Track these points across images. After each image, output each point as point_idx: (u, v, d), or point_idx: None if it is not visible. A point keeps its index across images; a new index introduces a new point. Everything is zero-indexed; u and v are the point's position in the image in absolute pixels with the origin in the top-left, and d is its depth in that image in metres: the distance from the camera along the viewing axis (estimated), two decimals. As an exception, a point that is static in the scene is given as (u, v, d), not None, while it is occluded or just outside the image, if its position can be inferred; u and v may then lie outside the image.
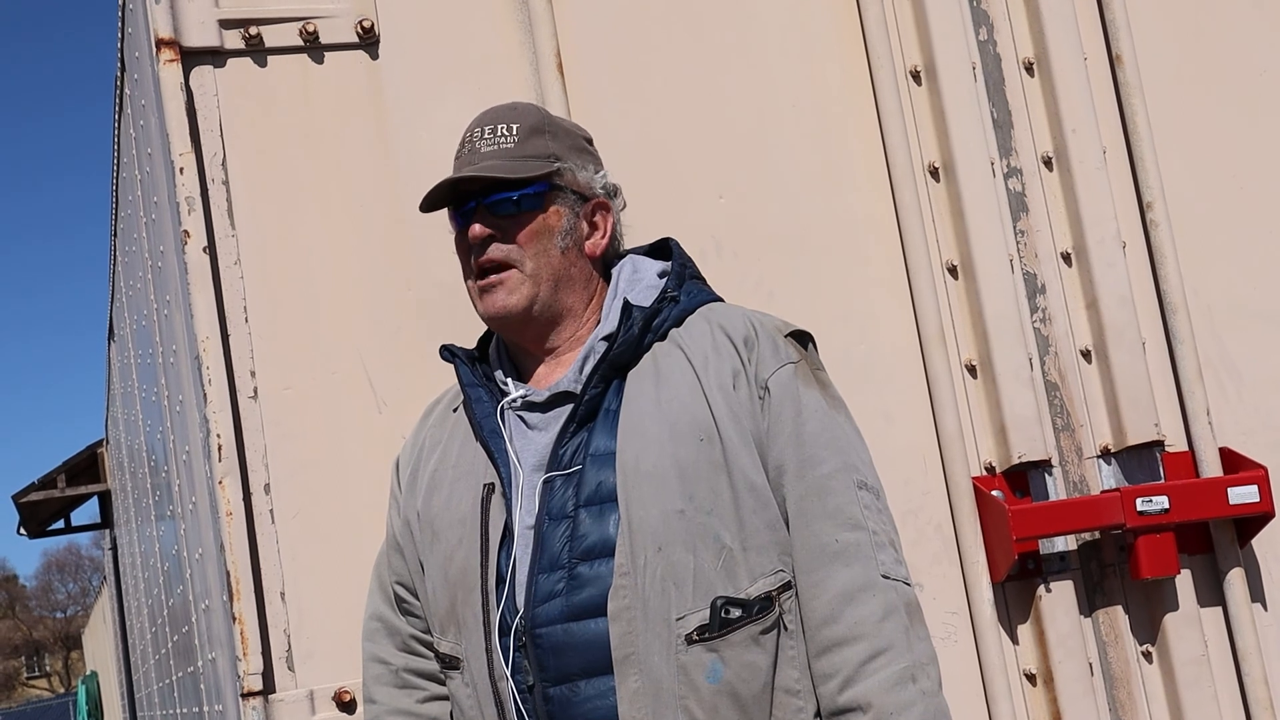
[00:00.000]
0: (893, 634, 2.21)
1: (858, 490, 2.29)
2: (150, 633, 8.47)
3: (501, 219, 2.38)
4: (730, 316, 2.40)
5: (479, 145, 2.42)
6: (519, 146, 2.40)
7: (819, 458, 2.28)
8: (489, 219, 2.38)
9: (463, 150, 2.45)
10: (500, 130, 2.42)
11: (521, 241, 2.38)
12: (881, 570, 2.24)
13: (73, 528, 20.33)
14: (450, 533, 2.39)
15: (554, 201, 2.42)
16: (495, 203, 2.38)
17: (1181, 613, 3.49)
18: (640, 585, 2.22)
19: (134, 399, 6.79)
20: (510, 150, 2.40)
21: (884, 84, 3.54)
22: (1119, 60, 3.66)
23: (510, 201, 2.38)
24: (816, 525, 2.26)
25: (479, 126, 2.45)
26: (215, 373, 3.11)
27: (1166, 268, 3.59)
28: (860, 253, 3.51)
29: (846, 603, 2.22)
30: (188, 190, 3.15)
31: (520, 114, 2.46)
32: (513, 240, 2.38)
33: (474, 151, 2.42)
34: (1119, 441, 3.51)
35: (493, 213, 2.38)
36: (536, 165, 2.40)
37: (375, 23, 3.33)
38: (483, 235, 2.38)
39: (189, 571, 4.48)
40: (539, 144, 2.42)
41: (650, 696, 2.21)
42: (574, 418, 2.33)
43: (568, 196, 2.43)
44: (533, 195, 2.39)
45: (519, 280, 2.38)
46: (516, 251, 2.38)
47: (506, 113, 2.47)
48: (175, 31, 3.20)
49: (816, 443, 2.29)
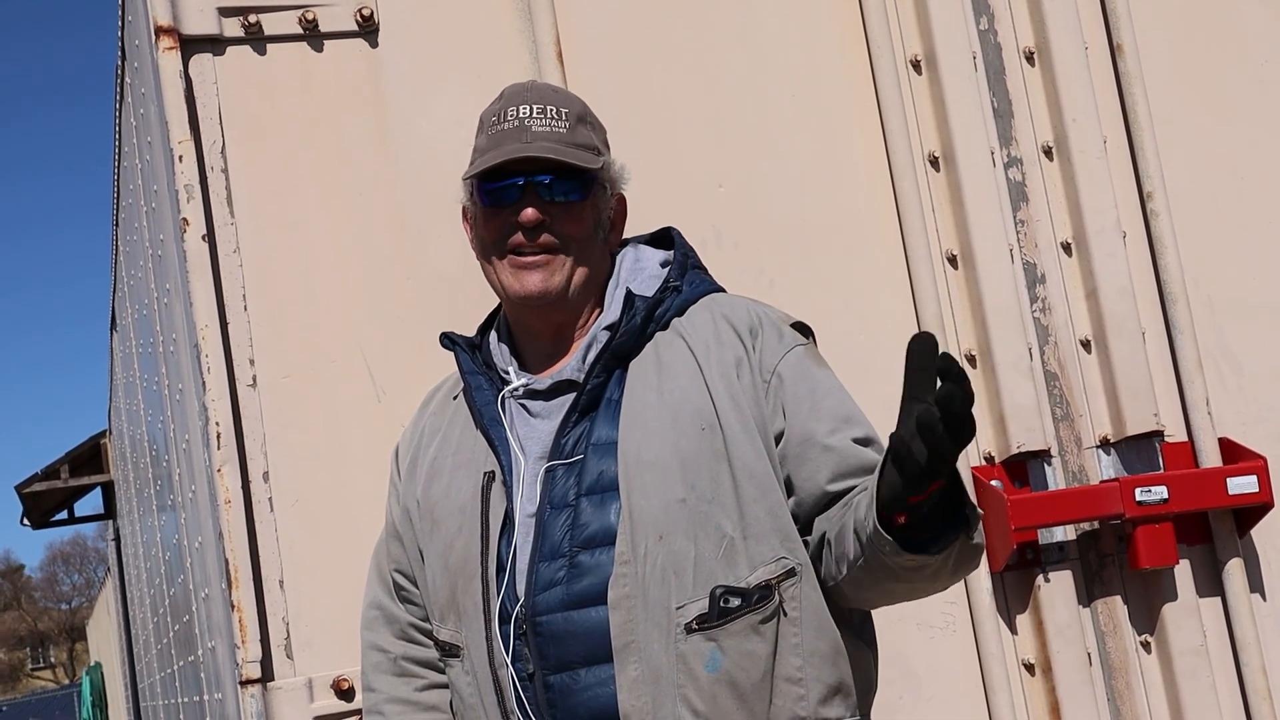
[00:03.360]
0: None
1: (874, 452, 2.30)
2: (153, 623, 8.49)
3: (553, 205, 2.35)
4: (734, 306, 2.40)
5: (529, 124, 2.36)
6: (570, 133, 2.37)
7: (843, 429, 2.30)
8: (539, 203, 2.34)
9: (505, 124, 2.37)
10: (550, 112, 2.37)
11: (571, 231, 2.36)
12: None
13: (76, 518, 20.33)
14: (450, 520, 2.39)
15: (597, 194, 2.41)
16: (551, 187, 2.34)
17: (1180, 603, 3.49)
18: (641, 574, 2.22)
19: (136, 389, 6.80)
20: (564, 135, 2.36)
21: (884, 73, 3.54)
22: (1120, 50, 3.66)
23: (570, 188, 2.35)
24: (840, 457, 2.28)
25: (524, 104, 2.38)
26: (214, 361, 3.12)
27: (1166, 258, 3.59)
28: (860, 242, 3.51)
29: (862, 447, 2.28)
30: (187, 178, 3.15)
31: (565, 98, 2.43)
32: (562, 228, 2.35)
33: (523, 129, 2.35)
34: (1118, 431, 3.51)
35: (544, 197, 2.35)
36: (590, 157, 2.37)
37: (374, 11, 3.33)
38: (536, 220, 2.33)
39: (189, 561, 4.48)
40: (585, 134, 2.40)
41: (649, 685, 2.21)
42: (576, 407, 2.33)
43: (603, 190, 2.43)
44: (586, 186, 2.38)
45: (561, 263, 2.35)
46: (568, 242, 2.36)
47: (552, 95, 2.43)
48: (174, 19, 3.20)
49: (835, 415, 2.30)
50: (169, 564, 5.97)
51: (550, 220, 2.35)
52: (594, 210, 2.40)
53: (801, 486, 2.29)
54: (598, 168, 2.38)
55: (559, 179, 2.35)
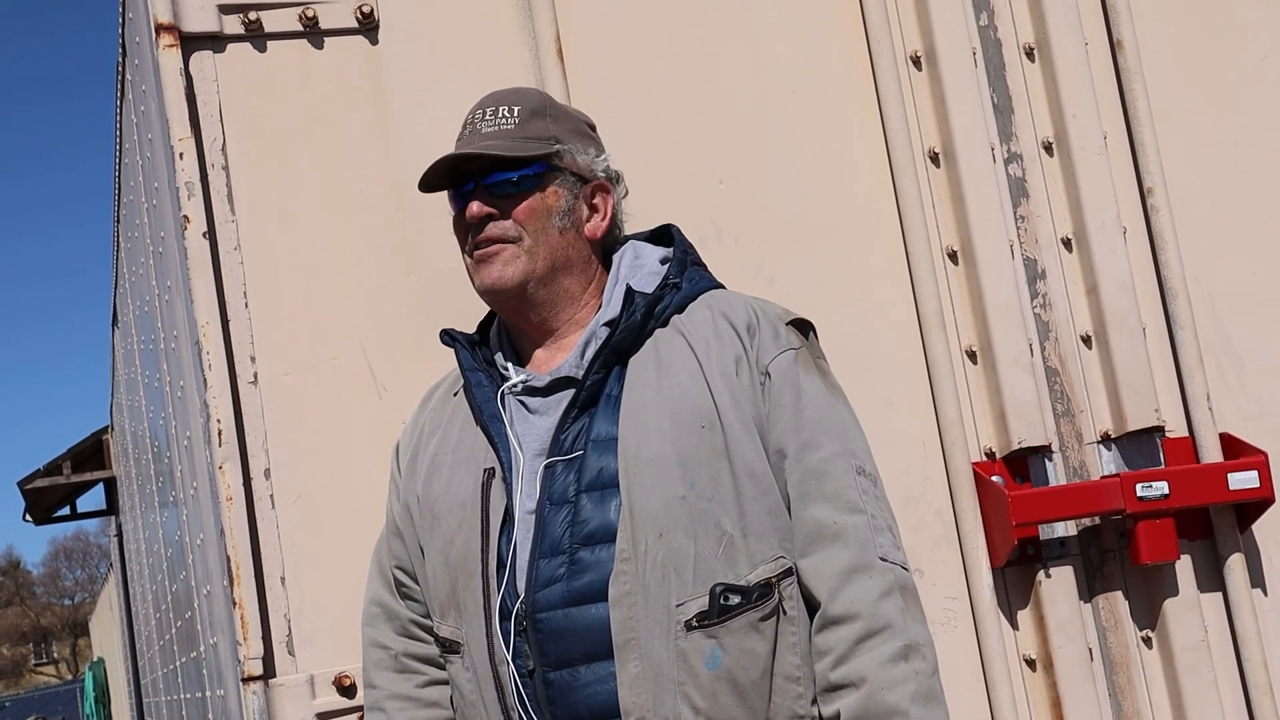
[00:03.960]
0: (889, 613, 2.22)
1: (856, 475, 2.30)
2: (155, 619, 8.49)
3: (500, 198, 2.40)
4: (732, 303, 2.41)
5: (480, 126, 2.44)
6: (519, 128, 2.42)
7: (818, 442, 2.30)
8: (487, 198, 2.40)
9: (464, 131, 2.47)
10: (501, 111, 2.44)
11: (520, 219, 2.40)
12: (879, 553, 2.26)
13: (78, 514, 20.36)
14: (450, 517, 2.40)
15: (552, 182, 2.43)
16: (494, 183, 2.40)
17: (1181, 598, 3.49)
18: (641, 571, 2.23)
19: (137, 385, 6.80)
20: (510, 131, 2.41)
21: (884, 69, 3.54)
22: (1120, 45, 3.66)
23: (509, 181, 2.39)
24: (815, 508, 2.27)
25: (480, 109, 2.47)
26: (215, 358, 3.12)
27: (1167, 253, 3.59)
28: (861, 238, 3.51)
29: (844, 582, 2.23)
30: (187, 175, 3.15)
31: (522, 96, 2.48)
32: (512, 217, 2.40)
33: (475, 132, 2.44)
34: (1119, 427, 3.51)
35: (491, 192, 2.40)
36: (536, 146, 2.41)
37: (375, 8, 3.33)
38: (481, 214, 2.40)
39: (191, 557, 4.49)
40: (539, 126, 2.43)
41: (650, 682, 2.22)
42: (575, 403, 2.34)
43: (567, 178, 2.44)
44: (531, 175, 2.41)
45: (514, 254, 2.39)
46: (514, 229, 2.39)
47: (509, 95, 2.49)
48: (175, 16, 3.19)
49: (815, 427, 2.31)
50: (171, 560, 5.97)
51: (500, 214, 2.39)
52: (555, 198, 2.42)
53: (781, 491, 2.31)
54: (542, 154, 2.40)
55: (502, 173, 2.39)
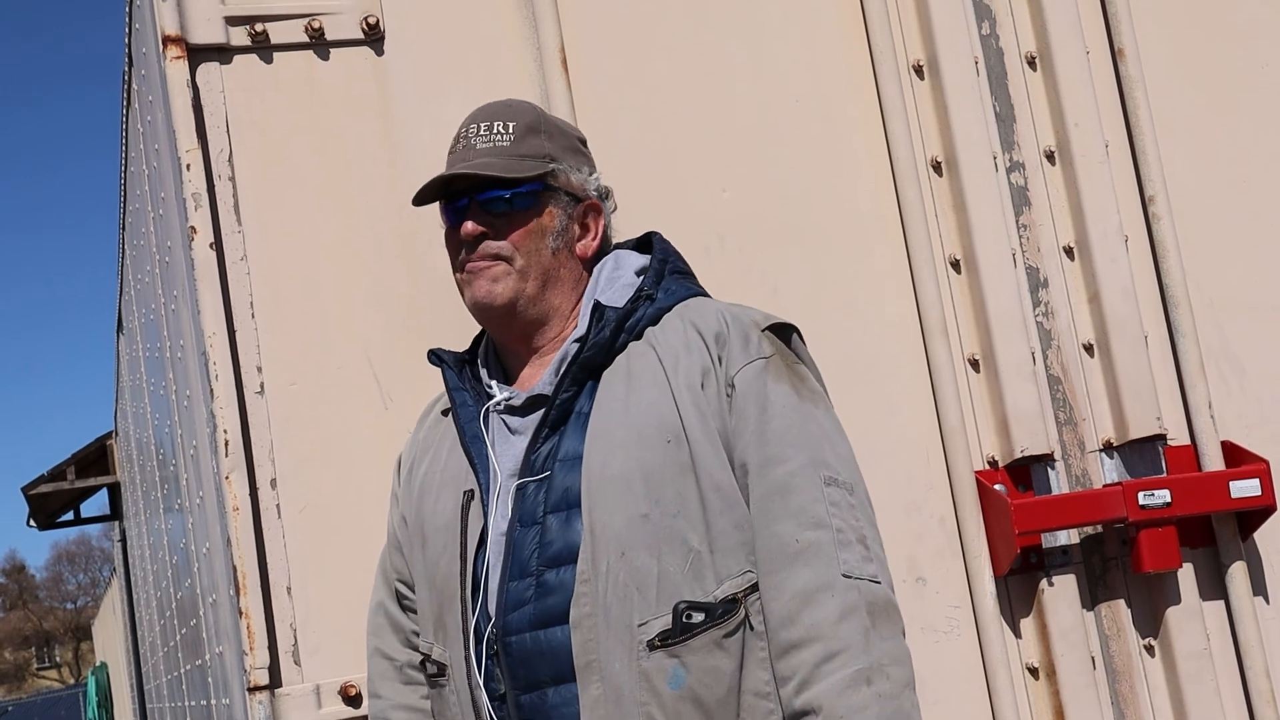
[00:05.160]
0: (849, 635, 2.15)
1: (824, 487, 2.24)
2: (159, 625, 8.51)
3: (494, 217, 2.38)
4: (704, 313, 2.37)
5: (474, 142, 2.42)
6: (515, 145, 2.40)
7: (783, 455, 2.24)
8: (482, 216, 2.38)
9: (457, 146, 2.45)
10: (496, 128, 2.42)
11: (514, 240, 2.38)
12: (843, 569, 2.19)
13: (82, 520, 20.36)
14: (436, 539, 2.40)
15: (548, 202, 2.41)
16: (489, 200, 2.38)
17: (1183, 606, 3.50)
18: (602, 592, 2.21)
19: (143, 392, 6.82)
20: (506, 148, 2.40)
21: (886, 78, 3.55)
22: (1121, 54, 3.67)
23: (504, 200, 2.38)
24: (777, 525, 2.22)
25: (474, 123, 2.45)
26: (222, 368, 3.13)
27: (1169, 261, 3.60)
28: (863, 247, 3.52)
29: (804, 604, 2.18)
30: (194, 186, 3.17)
31: (516, 112, 2.46)
32: (504, 238, 2.38)
33: (469, 148, 2.42)
34: (1121, 435, 3.52)
35: (486, 210, 2.38)
36: (532, 165, 2.40)
37: (380, 19, 3.34)
38: (475, 233, 2.38)
39: (197, 565, 4.50)
40: (535, 143, 2.42)
41: (611, 704, 2.20)
42: (546, 421, 2.33)
43: (561, 197, 2.43)
44: (527, 195, 2.39)
45: (505, 270, 2.38)
46: (508, 249, 2.38)
47: (502, 110, 2.47)
48: (182, 28, 3.21)
49: (781, 440, 2.25)
50: (176, 567, 5.98)
51: (494, 233, 2.38)
52: (549, 218, 2.41)
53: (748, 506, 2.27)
54: (538, 174, 2.39)
55: (497, 191, 2.37)
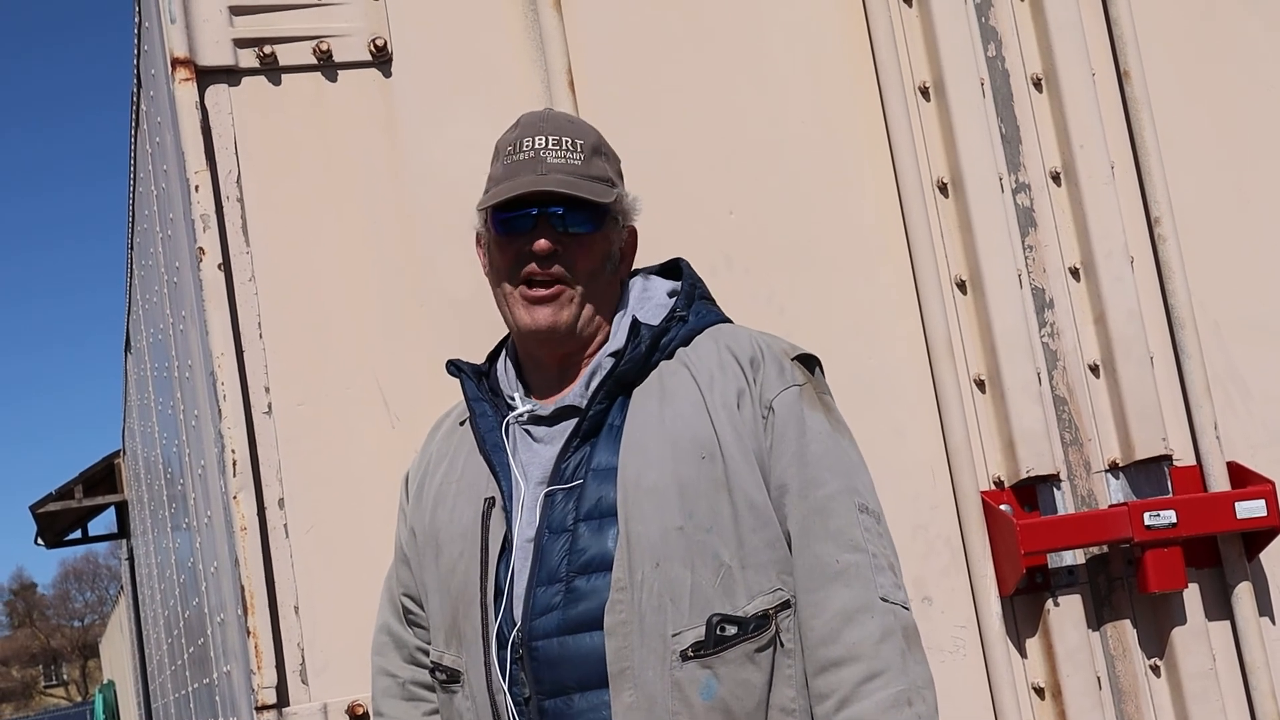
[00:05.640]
0: (890, 656, 2.21)
1: (859, 513, 2.29)
2: (167, 643, 8.51)
3: (565, 236, 2.37)
4: (738, 337, 2.41)
5: (545, 155, 2.38)
6: (585, 165, 2.39)
7: (821, 479, 2.29)
8: (553, 234, 2.36)
9: (520, 154, 2.39)
10: (565, 144, 2.39)
11: (582, 264, 2.38)
12: (880, 593, 2.25)
13: (90, 538, 20.36)
14: (452, 546, 2.41)
15: (611, 227, 2.43)
16: (564, 218, 2.36)
17: (1189, 626, 3.50)
18: (637, 600, 2.23)
19: (150, 411, 6.83)
20: (578, 168, 2.38)
21: (893, 100, 3.57)
22: (1127, 76, 3.68)
23: (583, 221, 2.37)
24: (818, 546, 2.27)
25: (539, 135, 2.40)
26: (230, 388, 3.14)
27: (1174, 282, 3.61)
28: (870, 268, 3.54)
29: (845, 623, 2.22)
30: (203, 208, 3.18)
31: (580, 129, 2.45)
32: (574, 260, 2.37)
33: (538, 160, 2.37)
34: (1127, 456, 3.53)
35: (556, 227, 2.36)
36: (604, 190, 2.39)
37: (388, 41, 3.36)
38: (549, 250, 2.35)
39: (204, 584, 4.51)
40: (600, 166, 2.42)
41: (644, 711, 2.22)
42: (578, 432, 2.35)
43: (615, 222, 2.44)
44: (597, 218, 2.39)
45: (570, 296, 2.38)
46: (580, 273, 2.38)
47: (568, 125, 2.44)
48: (191, 51, 3.23)
49: (820, 464, 2.30)
50: (184, 586, 5.99)
51: (563, 251, 2.37)
52: (605, 242, 2.42)
53: (781, 525, 2.30)
54: (610, 201, 2.40)
55: (572, 211, 2.37)
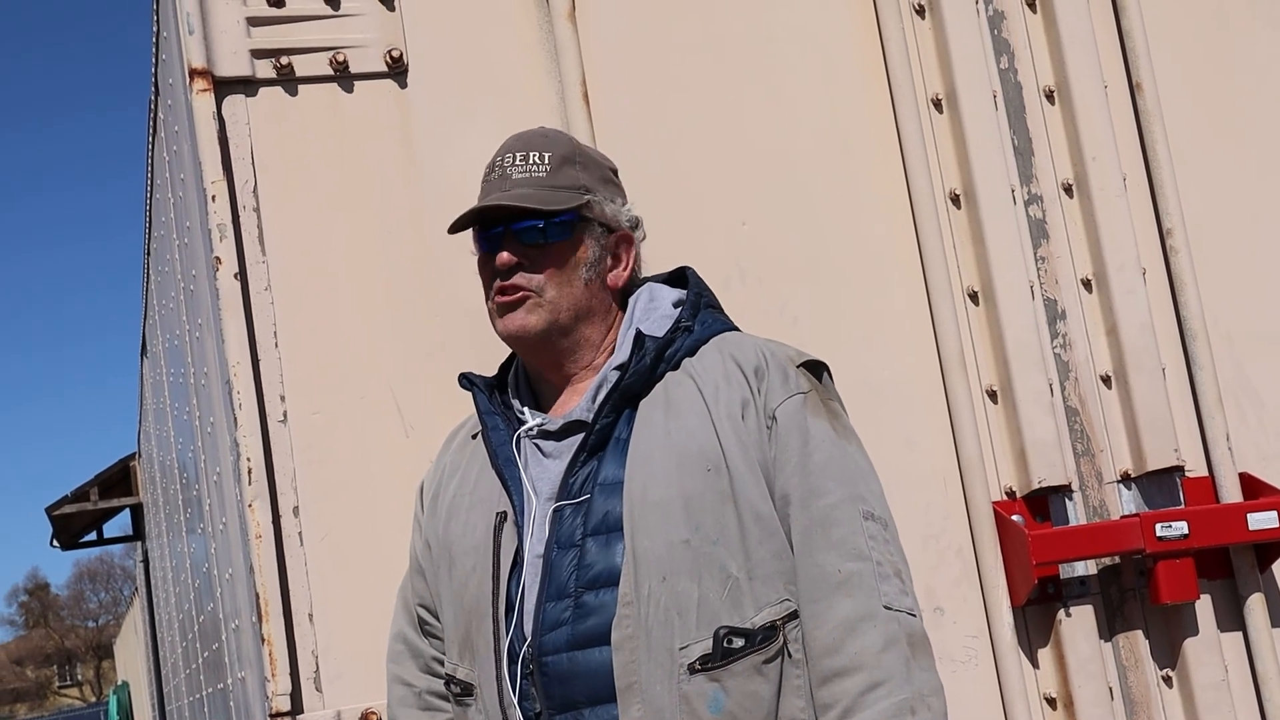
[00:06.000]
0: (893, 665, 2.21)
1: (863, 520, 2.29)
2: (181, 646, 8.54)
3: (529, 247, 2.40)
4: (742, 346, 2.41)
5: (510, 171, 2.43)
6: (551, 176, 2.42)
7: (824, 488, 2.29)
8: (517, 246, 2.40)
9: (493, 174, 2.46)
10: (532, 158, 2.43)
11: (547, 272, 2.40)
12: (884, 601, 2.25)
13: (104, 540, 20.41)
14: (465, 560, 2.43)
15: (582, 233, 2.44)
16: (524, 231, 2.40)
17: (1201, 638, 3.51)
18: (644, 615, 2.24)
19: (166, 416, 6.86)
20: (542, 179, 2.41)
21: (905, 111, 3.58)
22: (1139, 88, 3.69)
23: (539, 231, 2.40)
24: (820, 555, 2.27)
25: (510, 152, 2.46)
26: (245, 397, 3.16)
27: (1186, 294, 3.62)
28: (882, 279, 3.55)
29: (848, 633, 2.22)
30: (219, 218, 3.20)
31: (552, 142, 2.48)
32: (538, 270, 2.40)
33: (505, 177, 2.43)
34: (1139, 467, 3.53)
35: (520, 240, 2.40)
36: (567, 196, 2.41)
37: (404, 52, 3.38)
38: (510, 263, 2.40)
39: (219, 590, 4.53)
40: (570, 174, 2.44)
41: None
42: (584, 446, 2.36)
43: (595, 228, 2.45)
44: (562, 226, 2.41)
45: (538, 302, 2.40)
46: (540, 281, 2.40)
47: (538, 140, 2.48)
48: (208, 61, 3.24)
49: (823, 473, 2.30)
50: (198, 590, 6.01)
51: (528, 263, 2.40)
52: (583, 249, 2.44)
53: (787, 535, 2.31)
54: (574, 206, 2.42)
55: (533, 221, 2.40)
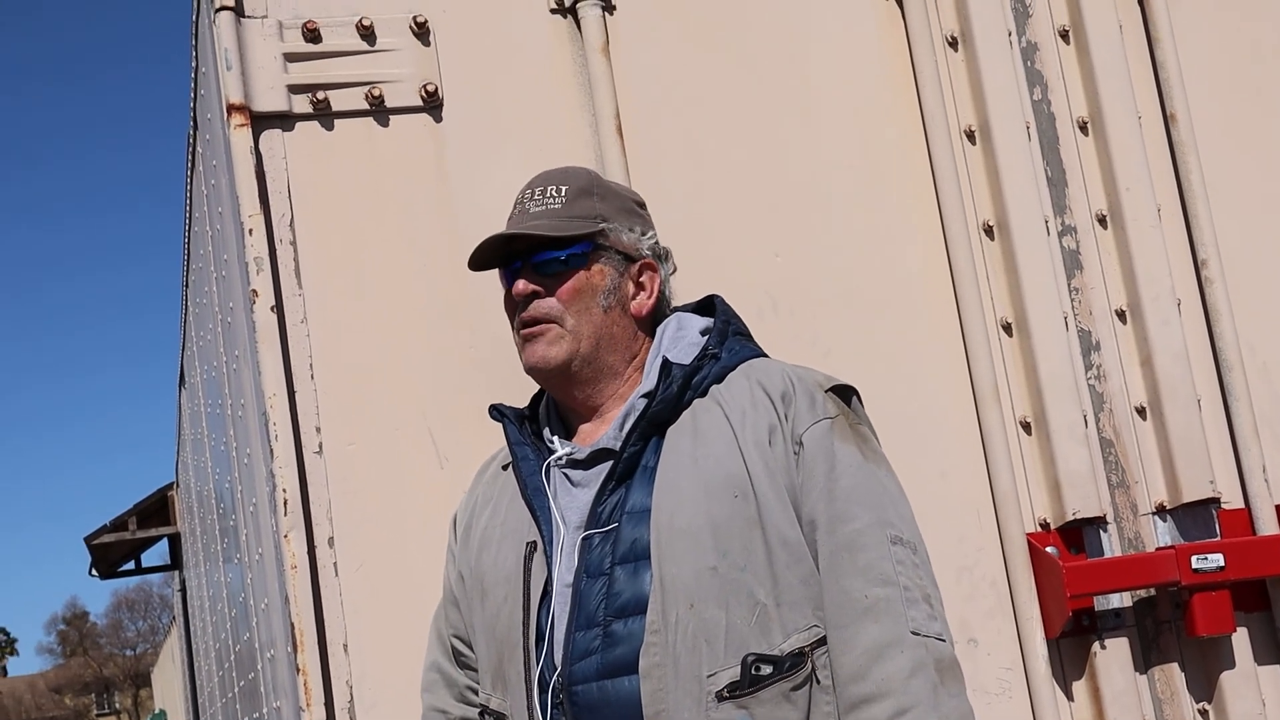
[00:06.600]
0: (920, 691, 2.20)
1: (891, 545, 2.28)
2: (218, 675, 8.56)
3: (545, 277, 2.44)
4: (769, 372, 2.42)
5: (528, 206, 2.48)
6: (566, 207, 2.45)
7: (851, 513, 2.29)
8: (534, 276, 2.44)
9: (514, 211, 2.51)
10: (549, 191, 2.47)
11: (564, 299, 2.43)
12: (911, 626, 2.24)
13: (143, 569, 20.53)
14: (497, 590, 2.44)
15: (598, 260, 2.46)
16: (540, 261, 2.43)
17: (1238, 670, 3.48)
18: (671, 643, 2.25)
19: (204, 446, 6.90)
20: (557, 210, 2.45)
21: (939, 143, 3.59)
22: (1173, 119, 3.69)
23: (554, 260, 2.43)
24: (847, 581, 2.27)
25: (530, 189, 2.51)
26: (281, 429, 3.18)
27: (1222, 324, 3.61)
28: (915, 310, 3.55)
29: (874, 659, 2.22)
30: (256, 251, 3.23)
31: (570, 176, 2.51)
32: (557, 297, 2.43)
33: (523, 212, 2.48)
34: (1174, 498, 3.52)
35: (537, 270, 2.44)
36: (581, 225, 2.44)
37: (439, 86, 3.41)
38: (526, 292, 2.43)
39: (255, 620, 4.55)
40: (586, 205, 2.47)
41: None
42: (613, 475, 2.37)
43: (613, 256, 2.48)
44: (577, 254, 2.44)
45: (559, 334, 2.42)
46: (558, 308, 2.43)
47: (557, 175, 2.52)
48: (246, 96, 3.28)
49: (849, 498, 2.30)
50: (235, 619, 6.04)
51: (545, 291, 2.43)
52: (600, 277, 2.46)
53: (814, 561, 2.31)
54: (587, 233, 2.44)
55: (547, 252, 2.43)
